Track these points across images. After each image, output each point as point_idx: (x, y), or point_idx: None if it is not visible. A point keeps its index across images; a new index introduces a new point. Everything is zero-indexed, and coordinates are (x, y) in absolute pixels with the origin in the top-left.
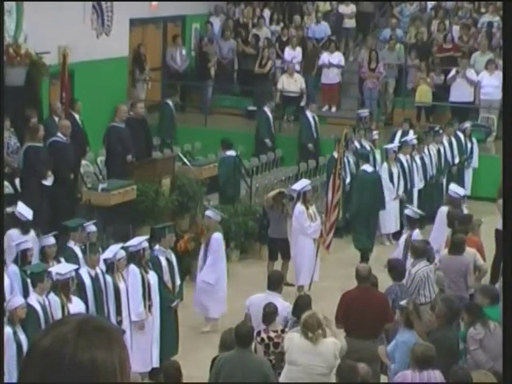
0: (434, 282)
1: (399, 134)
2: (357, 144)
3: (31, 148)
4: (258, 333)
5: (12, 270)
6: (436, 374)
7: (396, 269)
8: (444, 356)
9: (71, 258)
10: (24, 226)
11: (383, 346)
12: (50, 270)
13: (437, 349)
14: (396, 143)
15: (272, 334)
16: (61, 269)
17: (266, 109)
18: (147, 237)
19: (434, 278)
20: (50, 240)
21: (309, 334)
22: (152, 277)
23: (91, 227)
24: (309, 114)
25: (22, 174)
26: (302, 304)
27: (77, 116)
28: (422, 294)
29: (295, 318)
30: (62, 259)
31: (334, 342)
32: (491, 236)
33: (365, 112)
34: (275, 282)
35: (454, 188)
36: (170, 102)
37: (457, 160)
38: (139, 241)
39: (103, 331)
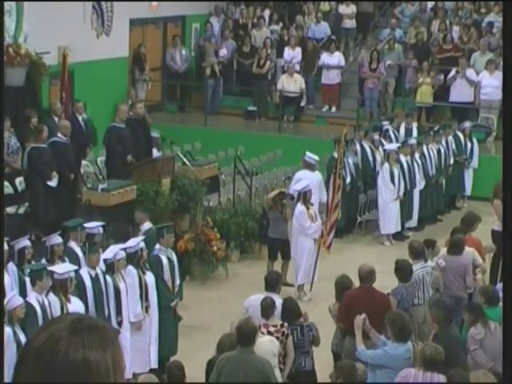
0: (430, 284)
1: (402, 129)
2: (357, 144)
3: (35, 149)
4: (258, 327)
5: (10, 268)
6: (441, 378)
7: (402, 270)
8: (454, 355)
9: (71, 258)
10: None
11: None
12: (50, 268)
13: (446, 350)
14: (396, 144)
15: (272, 329)
16: (59, 268)
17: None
18: (143, 237)
19: (429, 280)
20: (58, 239)
21: None
22: (149, 277)
23: (99, 229)
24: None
25: (26, 175)
26: (289, 306)
27: (79, 117)
28: (415, 296)
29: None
30: (67, 259)
31: (271, 340)
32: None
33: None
34: (272, 283)
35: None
36: None
37: (455, 160)
38: (136, 241)
39: (97, 330)
